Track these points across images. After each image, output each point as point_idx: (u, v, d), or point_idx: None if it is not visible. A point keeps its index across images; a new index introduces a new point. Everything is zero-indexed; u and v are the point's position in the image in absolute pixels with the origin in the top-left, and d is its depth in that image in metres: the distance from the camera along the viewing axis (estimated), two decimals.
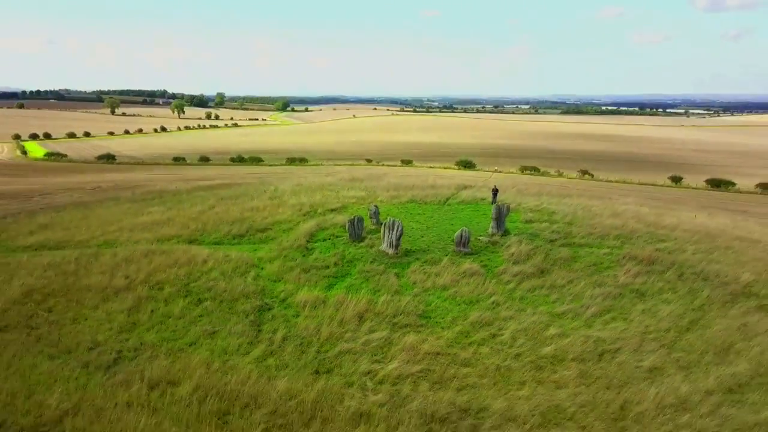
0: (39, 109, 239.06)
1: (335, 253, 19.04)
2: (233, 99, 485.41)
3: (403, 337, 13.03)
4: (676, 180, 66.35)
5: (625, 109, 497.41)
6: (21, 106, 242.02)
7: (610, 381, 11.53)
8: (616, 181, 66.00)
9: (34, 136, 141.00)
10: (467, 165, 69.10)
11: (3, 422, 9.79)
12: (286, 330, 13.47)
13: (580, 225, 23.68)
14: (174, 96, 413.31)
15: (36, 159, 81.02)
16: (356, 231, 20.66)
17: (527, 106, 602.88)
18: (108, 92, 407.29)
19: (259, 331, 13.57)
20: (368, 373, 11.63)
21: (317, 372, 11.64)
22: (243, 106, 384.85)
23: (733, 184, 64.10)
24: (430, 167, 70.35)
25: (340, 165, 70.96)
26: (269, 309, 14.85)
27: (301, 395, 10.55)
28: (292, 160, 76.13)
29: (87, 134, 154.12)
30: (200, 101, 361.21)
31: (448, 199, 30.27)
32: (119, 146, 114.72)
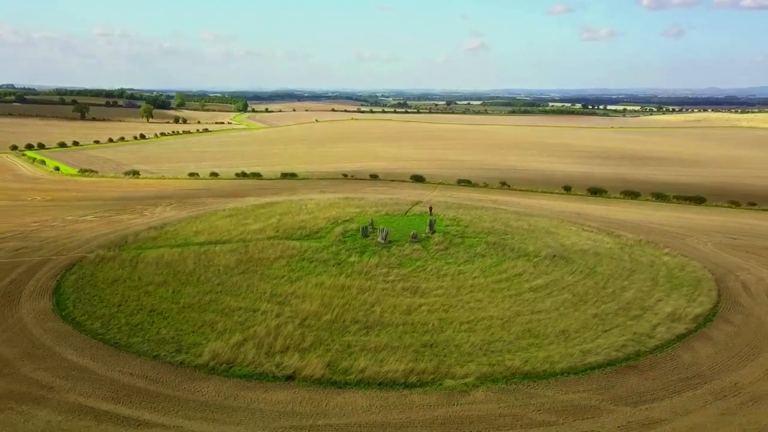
0: (11, 115, 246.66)
1: (357, 243, 42.61)
2: (188, 94, 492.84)
3: (393, 270, 37.06)
4: (567, 189, 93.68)
5: (569, 106, 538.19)
6: None
7: (459, 278, 35.93)
8: (527, 190, 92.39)
9: (29, 146, 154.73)
10: (418, 179, 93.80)
11: (275, 293, 33.16)
12: (351, 269, 37.17)
13: (471, 227, 48.28)
14: (133, 96, 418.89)
15: (72, 175, 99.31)
16: (365, 233, 44.37)
17: (479, 102, 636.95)
18: (65, 92, 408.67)
19: (341, 270, 37.20)
20: (383, 279, 35.58)
21: (366, 279, 35.49)
22: (204, 107, 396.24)
23: (605, 191, 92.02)
24: (392, 180, 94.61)
25: (324, 180, 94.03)
26: (340, 263, 38.45)
27: (366, 285, 34.47)
28: (285, 175, 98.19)
29: (76, 143, 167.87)
30: (162, 103, 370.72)
31: (406, 212, 54.44)
32: (121, 157, 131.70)
